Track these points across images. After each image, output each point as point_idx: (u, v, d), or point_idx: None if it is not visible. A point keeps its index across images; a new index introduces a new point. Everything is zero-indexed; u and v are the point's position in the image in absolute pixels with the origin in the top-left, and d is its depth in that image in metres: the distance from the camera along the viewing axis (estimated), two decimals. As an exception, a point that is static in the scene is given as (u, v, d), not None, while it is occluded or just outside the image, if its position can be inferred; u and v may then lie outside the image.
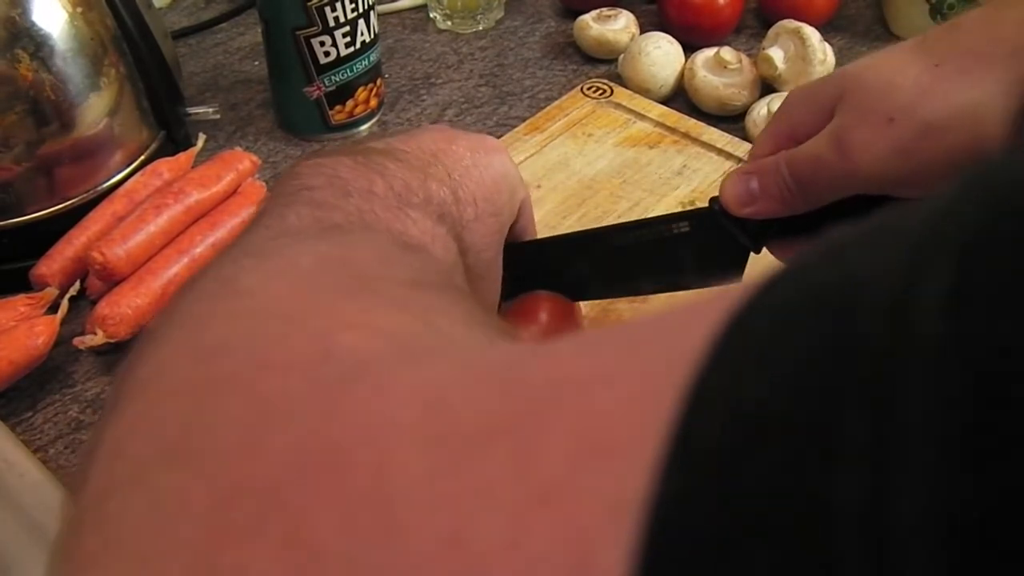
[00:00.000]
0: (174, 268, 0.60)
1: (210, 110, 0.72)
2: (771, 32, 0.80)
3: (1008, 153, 0.16)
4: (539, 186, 0.69)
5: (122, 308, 0.57)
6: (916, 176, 0.40)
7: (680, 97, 0.81)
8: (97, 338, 0.56)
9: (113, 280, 0.59)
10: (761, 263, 0.48)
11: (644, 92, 0.78)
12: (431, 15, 0.92)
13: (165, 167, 0.66)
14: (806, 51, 0.77)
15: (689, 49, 0.81)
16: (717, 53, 0.77)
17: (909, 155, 0.39)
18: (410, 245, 0.33)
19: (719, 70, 0.77)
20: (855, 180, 0.41)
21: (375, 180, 0.36)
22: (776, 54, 0.77)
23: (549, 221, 0.66)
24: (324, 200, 0.33)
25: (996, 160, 0.16)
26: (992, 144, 0.38)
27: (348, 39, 0.73)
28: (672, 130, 0.74)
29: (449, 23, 0.91)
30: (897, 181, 0.40)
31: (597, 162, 0.71)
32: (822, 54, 0.77)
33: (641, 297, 0.55)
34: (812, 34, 0.77)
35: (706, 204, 0.48)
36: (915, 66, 0.40)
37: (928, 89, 0.39)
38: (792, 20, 0.79)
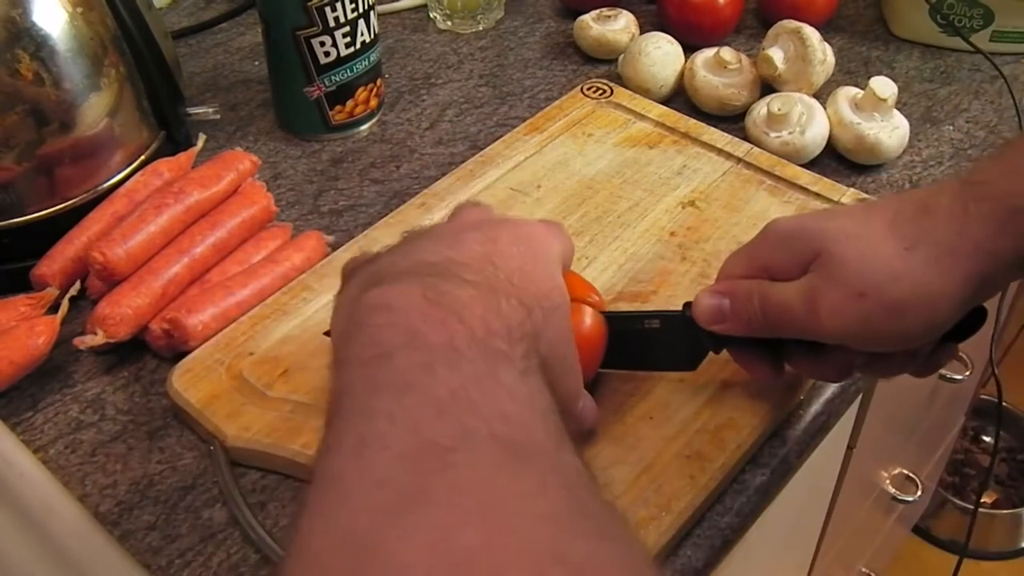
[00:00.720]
0: (174, 268, 0.60)
1: (210, 110, 0.72)
2: (771, 32, 0.80)
3: None
4: (539, 186, 0.69)
5: (122, 308, 0.57)
6: (870, 339, 0.46)
7: (680, 97, 0.81)
8: (97, 338, 0.56)
9: (113, 280, 0.59)
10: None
11: (644, 92, 0.78)
12: (431, 15, 0.92)
13: (165, 167, 0.66)
14: (806, 51, 0.77)
15: (689, 49, 0.81)
16: (717, 53, 0.77)
17: (871, 325, 0.44)
18: (515, 443, 0.32)
19: (719, 70, 0.77)
20: (817, 333, 0.46)
21: (455, 329, 0.36)
22: (776, 54, 0.77)
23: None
24: (409, 381, 0.33)
25: None
26: (942, 322, 0.44)
27: (348, 39, 0.73)
28: (672, 130, 0.74)
29: (449, 23, 0.91)
30: (852, 340, 0.46)
31: (597, 162, 0.71)
32: (822, 54, 0.77)
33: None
34: (812, 34, 0.77)
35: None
36: (888, 246, 0.44)
37: (898, 273, 0.43)
38: (792, 20, 0.79)
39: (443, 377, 0.33)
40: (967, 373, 1.18)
